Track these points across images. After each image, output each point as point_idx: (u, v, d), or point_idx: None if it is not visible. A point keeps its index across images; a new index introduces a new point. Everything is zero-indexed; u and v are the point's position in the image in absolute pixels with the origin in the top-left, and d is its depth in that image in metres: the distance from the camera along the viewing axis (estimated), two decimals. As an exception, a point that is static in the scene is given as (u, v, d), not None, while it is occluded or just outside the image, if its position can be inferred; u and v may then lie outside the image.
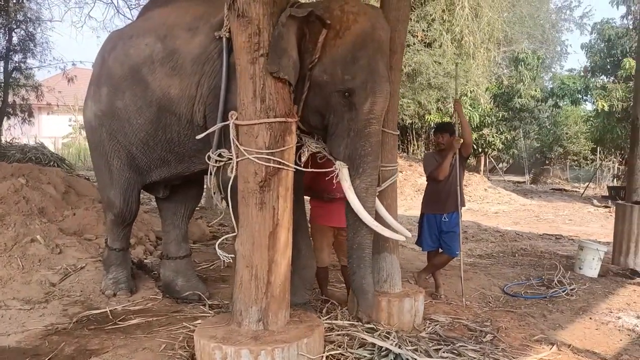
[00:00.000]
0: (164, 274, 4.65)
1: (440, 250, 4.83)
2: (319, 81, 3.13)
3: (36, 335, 3.67)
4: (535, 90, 16.66)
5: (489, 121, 16.51)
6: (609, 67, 15.26)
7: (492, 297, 4.90)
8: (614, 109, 13.74)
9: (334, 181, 3.25)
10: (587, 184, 18.95)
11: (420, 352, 3.17)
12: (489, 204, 14.05)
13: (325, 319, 3.64)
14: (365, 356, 3.05)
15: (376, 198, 3.42)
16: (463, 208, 4.83)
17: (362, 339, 3.21)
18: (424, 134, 19.20)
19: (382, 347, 3.08)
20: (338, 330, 3.40)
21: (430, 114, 16.86)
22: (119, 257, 4.61)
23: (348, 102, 3.13)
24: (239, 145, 2.96)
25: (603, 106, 13.73)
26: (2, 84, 13.88)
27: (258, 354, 2.70)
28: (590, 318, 4.34)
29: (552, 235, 8.99)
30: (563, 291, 4.99)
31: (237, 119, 2.98)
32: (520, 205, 14.10)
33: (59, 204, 6.39)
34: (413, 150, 19.90)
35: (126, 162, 4.15)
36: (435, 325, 3.92)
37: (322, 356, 2.98)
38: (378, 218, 3.40)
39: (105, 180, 4.36)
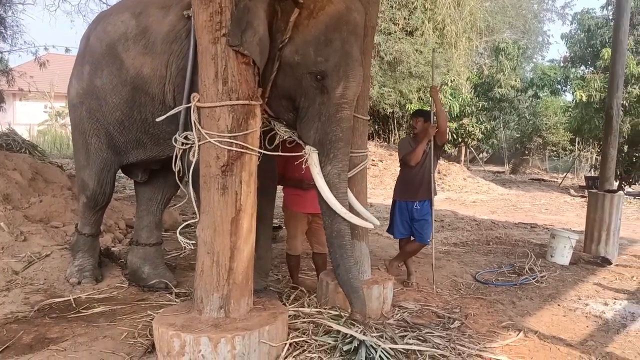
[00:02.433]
0: (131, 260, 4.56)
1: (412, 237, 4.79)
2: (290, 62, 3.05)
3: (-6, 323, 3.57)
4: (515, 81, 16.69)
5: (469, 111, 16.52)
6: (588, 57, 15.34)
7: (464, 285, 4.90)
8: (592, 100, 13.81)
9: (302, 166, 3.18)
10: (565, 174, 19.19)
11: (386, 338, 3.13)
12: (468, 193, 14.12)
13: (293, 307, 3.60)
14: (329, 343, 3.01)
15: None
16: (436, 197, 4.79)
17: (327, 326, 3.17)
18: (405, 123, 19.11)
19: (346, 334, 3.04)
20: (304, 318, 3.35)
21: (411, 103, 16.82)
22: (87, 243, 4.54)
23: (320, 85, 3.06)
24: (200, 129, 2.87)
25: (581, 97, 13.80)
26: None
27: (218, 341, 2.64)
28: (559, 305, 4.36)
29: (527, 224, 9.05)
30: (533, 278, 5.01)
31: (199, 101, 2.88)
32: (499, 194, 14.20)
33: (25, 191, 6.23)
34: (394, 140, 19.89)
35: (105, 142, 4.09)
36: (404, 312, 3.90)
37: (285, 343, 2.93)
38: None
39: (82, 161, 4.31)
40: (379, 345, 2.92)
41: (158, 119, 3.29)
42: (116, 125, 3.93)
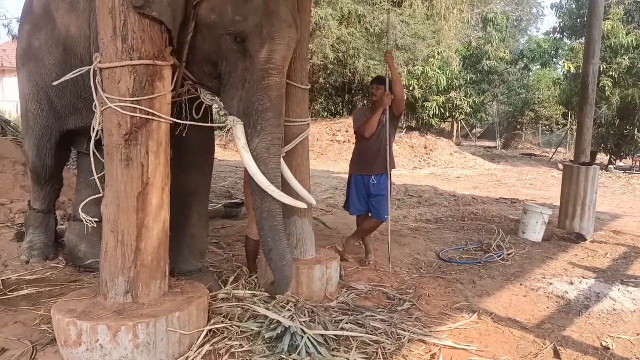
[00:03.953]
0: (68, 238, 4.28)
1: (370, 214, 4.50)
2: (206, 22, 2.71)
3: None
4: (505, 53, 16.25)
5: (457, 84, 16.11)
6: (578, 27, 14.90)
7: (425, 263, 4.63)
8: (580, 71, 13.44)
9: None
10: (556, 148, 18.89)
11: (318, 323, 2.87)
12: (453, 169, 13.84)
13: (226, 289, 3.32)
14: (252, 330, 2.75)
15: (281, 159, 3.07)
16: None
17: (253, 311, 2.90)
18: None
19: (273, 319, 2.78)
20: (232, 301, 3.08)
21: (400, 76, 16.37)
22: (38, 219, 4.38)
23: (242, 49, 2.72)
24: (101, 92, 2.55)
25: (569, 68, 13.42)
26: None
27: (118, 330, 2.36)
28: (521, 284, 4.09)
29: (508, 199, 8.79)
30: (499, 256, 4.74)
31: (100, 62, 2.56)
32: (485, 170, 13.92)
33: (-28, 167, 5.93)
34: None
35: (46, 108, 3.90)
36: (350, 293, 3.64)
37: (202, 331, 2.66)
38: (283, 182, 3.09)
39: (24, 129, 4.17)
40: (304, 331, 2.65)
41: (54, 83, 2.99)
42: (53, 88, 3.65)
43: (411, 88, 15.87)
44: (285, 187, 3.09)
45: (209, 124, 2.97)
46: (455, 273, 4.36)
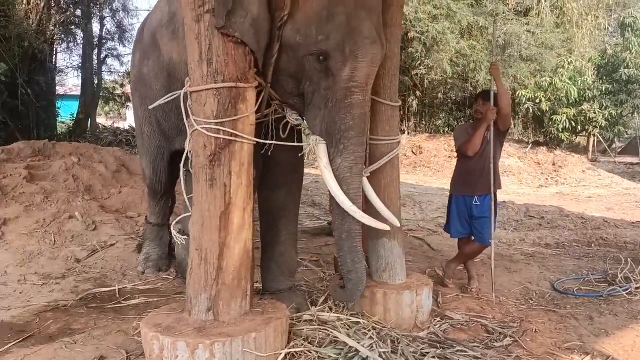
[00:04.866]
0: (177, 252, 4.54)
1: (473, 237, 4.21)
2: (291, 43, 2.72)
3: (34, 311, 3.69)
4: (646, 59, 14.55)
5: (590, 95, 14.70)
6: None
7: (536, 294, 4.21)
8: None
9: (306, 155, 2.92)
10: None
11: (400, 355, 2.71)
12: (585, 187, 12.61)
13: (310, 311, 3.27)
14: (330, 356, 2.66)
15: (365, 179, 3.01)
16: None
17: (334, 337, 2.81)
18: (520, 112, 17.45)
19: (352, 347, 2.67)
20: (315, 324, 3.02)
21: (526, 88, 15.40)
22: (153, 232, 4.69)
23: (324, 68, 2.69)
24: (190, 115, 2.67)
25: None
26: (95, 71, 14.88)
27: (195, 347, 2.42)
28: (650, 325, 3.56)
29: (647, 223, 7.76)
30: (625, 290, 4.16)
31: (190, 85, 2.69)
32: (623, 189, 12.49)
33: (107, 182, 6.59)
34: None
35: (156, 129, 4.20)
36: (445, 324, 3.40)
37: (280, 353, 2.63)
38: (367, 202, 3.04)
39: (140, 149, 4.55)
40: (383, 364, 2.51)
41: (150, 107, 3.18)
42: (160, 111, 3.95)
43: (538, 100, 14.83)
44: (369, 208, 3.02)
45: (293, 143, 2.98)
46: (571, 307, 3.91)
